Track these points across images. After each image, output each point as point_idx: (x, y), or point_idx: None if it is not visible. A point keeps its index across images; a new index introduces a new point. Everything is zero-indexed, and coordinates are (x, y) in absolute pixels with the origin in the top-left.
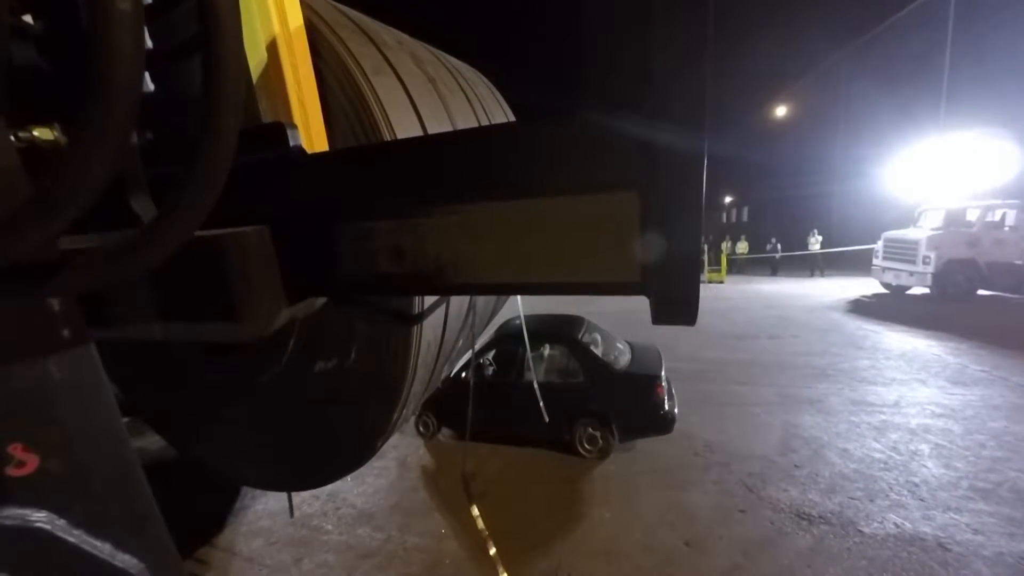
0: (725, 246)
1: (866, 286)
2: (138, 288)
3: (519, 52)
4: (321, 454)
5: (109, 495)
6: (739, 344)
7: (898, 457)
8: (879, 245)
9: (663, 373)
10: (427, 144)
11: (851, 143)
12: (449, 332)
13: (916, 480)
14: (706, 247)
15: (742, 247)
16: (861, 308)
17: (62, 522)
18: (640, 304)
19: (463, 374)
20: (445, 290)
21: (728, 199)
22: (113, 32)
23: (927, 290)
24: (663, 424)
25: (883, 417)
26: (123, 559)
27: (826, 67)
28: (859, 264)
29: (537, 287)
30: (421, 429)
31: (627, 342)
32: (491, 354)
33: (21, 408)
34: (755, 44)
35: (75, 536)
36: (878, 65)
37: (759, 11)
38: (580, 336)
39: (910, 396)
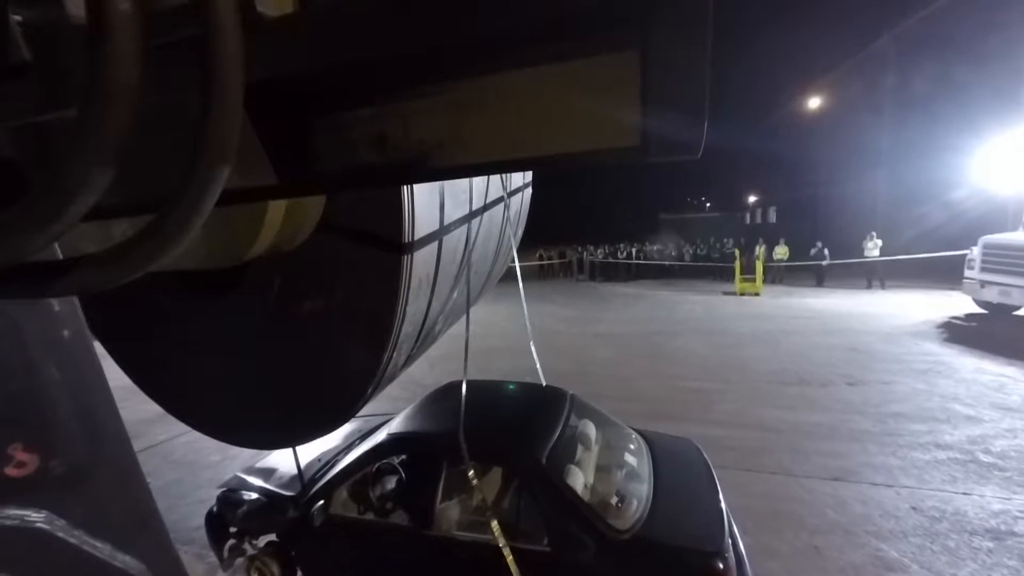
0: (760, 251)
1: (950, 303)
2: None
3: None
4: (306, 406)
5: (109, 495)
6: (804, 394)
7: None
8: (975, 252)
9: (727, 536)
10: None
11: (903, 131)
12: (443, 276)
13: None
14: (737, 252)
15: (781, 252)
16: (962, 336)
17: (62, 522)
18: (658, 324)
19: (325, 509)
20: (429, 176)
21: (752, 198)
22: (113, 32)
23: None
24: None
25: None
26: (123, 559)
27: (875, 46)
28: (926, 274)
29: (528, 162)
30: None
31: (645, 440)
32: (399, 459)
33: (21, 408)
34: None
35: (75, 536)
36: (946, 38)
37: None
38: (547, 450)
39: None
